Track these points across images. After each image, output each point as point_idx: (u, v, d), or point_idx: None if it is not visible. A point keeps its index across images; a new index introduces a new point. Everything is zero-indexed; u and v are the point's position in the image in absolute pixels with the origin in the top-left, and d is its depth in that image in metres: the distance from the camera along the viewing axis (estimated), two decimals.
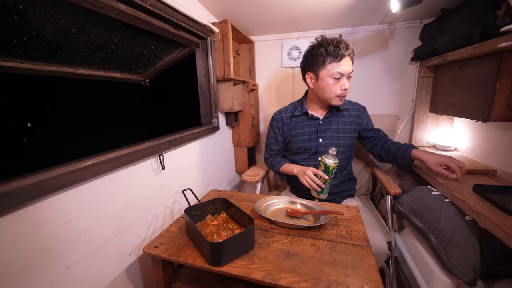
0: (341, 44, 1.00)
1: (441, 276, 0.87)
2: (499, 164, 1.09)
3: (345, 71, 1.01)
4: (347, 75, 1.02)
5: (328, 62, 1.01)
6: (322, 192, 0.99)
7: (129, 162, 0.80)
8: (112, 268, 0.77)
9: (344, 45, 1.00)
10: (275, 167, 1.20)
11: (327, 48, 1.01)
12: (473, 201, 0.80)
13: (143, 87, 1.43)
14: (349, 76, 1.04)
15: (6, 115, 1.22)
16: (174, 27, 1.00)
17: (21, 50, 0.75)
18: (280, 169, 1.18)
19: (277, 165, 1.18)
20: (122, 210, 0.79)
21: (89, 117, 1.59)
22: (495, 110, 0.92)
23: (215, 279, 0.74)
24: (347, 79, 1.03)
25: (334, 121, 1.12)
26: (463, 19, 1.09)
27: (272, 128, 1.23)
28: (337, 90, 1.03)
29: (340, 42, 1.01)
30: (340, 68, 1.00)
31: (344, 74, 1.01)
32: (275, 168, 1.20)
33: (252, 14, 1.39)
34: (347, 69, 1.01)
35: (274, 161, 1.21)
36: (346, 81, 1.03)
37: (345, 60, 1.00)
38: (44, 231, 0.58)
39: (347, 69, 1.01)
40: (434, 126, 1.51)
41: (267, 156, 1.28)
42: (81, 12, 0.74)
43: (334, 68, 1.01)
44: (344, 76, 1.02)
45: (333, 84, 1.03)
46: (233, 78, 1.37)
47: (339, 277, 0.57)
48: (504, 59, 0.87)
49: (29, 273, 0.55)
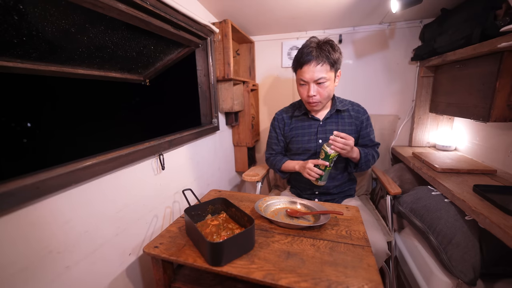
0: (305, 48, 0.97)
1: (441, 276, 0.87)
2: (499, 164, 1.09)
3: (307, 78, 0.98)
4: (311, 82, 0.98)
5: (295, 68, 1.02)
6: (321, 179, 0.99)
7: (129, 162, 0.80)
8: (112, 268, 0.77)
9: (309, 49, 0.96)
10: (276, 166, 1.20)
11: (298, 52, 1.00)
12: (473, 201, 0.80)
13: (143, 87, 1.43)
14: (319, 82, 0.98)
15: (6, 115, 1.22)
16: (174, 27, 1.00)
17: (21, 50, 0.75)
18: (282, 167, 1.17)
19: (279, 164, 1.18)
20: (122, 210, 0.79)
21: (89, 117, 1.59)
22: (495, 110, 0.92)
23: (215, 279, 0.74)
24: (317, 85, 0.99)
25: (334, 122, 1.11)
26: (463, 19, 1.09)
27: (274, 128, 1.23)
28: (304, 96, 1.03)
29: (305, 47, 0.97)
30: (302, 75, 0.99)
31: (308, 81, 0.99)
32: (277, 167, 1.20)
33: (252, 14, 1.40)
34: (309, 76, 0.97)
35: (275, 160, 1.21)
36: (312, 88, 0.99)
37: (307, 67, 0.96)
38: (44, 231, 0.58)
39: (309, 77, 0.97)
40: (434, 126, 1.51)
41: (268, 156, 1.28)
42: (81, 12, 0.74)
43: (298, 74, 1.01)
44: (310, 83, 0.99)
45: (302, 90, 1.03)
46: (233, 78, 1.37)
47: (339, 277, 0.57)
48: (504, 59, 0.87)
49: (29, 273, 0.55)
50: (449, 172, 1.07)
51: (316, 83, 0.98)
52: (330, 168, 0.98)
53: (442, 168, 1.08)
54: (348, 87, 1.67)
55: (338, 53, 0.99)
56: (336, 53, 0.98)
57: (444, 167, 1.08)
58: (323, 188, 1.11)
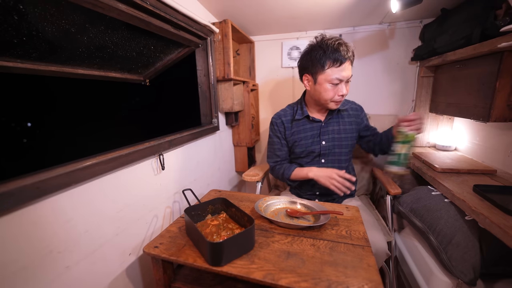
0: (341, 47, 0.95)
1: (441, 276, 0.87)
2: (499, 164, 1.09)
3: (344, 76, 0.96)
4: (346, 80, 0.98)
5: (327, 66, 0.96)
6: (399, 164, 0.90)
7: (129, 162, 0.80)
8: (112, 268, 0.77)
9: (345, 47, 0.95)
10: (285, 175, 1.12)
11: (326, 51, 0.95)
12: (473, 201, 0.80)
13: (143, 87, 1.43)
14: (348, 80, 1.00)
15: (6, 115, 1.22)
16: (174, 27, 1.00)
17: (21, 50, 0.75)
18: (292, 176, 1.10)
19: (287, 172, 1.11)
20: (122, 210, 0.79)
21: (89, 117, 1.59)
22: (495, 110, 0.92)
23: (215, 279, 0.74)
24: (346, 83, 0.99)
25: (336, 123, 1.11)
26: (463, 19, 1.09)
27: (274, 133, 1.18)
28: (334, 95, 1.00)
29: (340, 45, 0.95)
30: (340, 73, 0.96)
31: (343, 80, 0.97)
32: (285, 176, 1.12)
33: (252, 14, 1.39)
34: (346, 74, 0.97)
35: (282, 168, 1.14)
36: (344, 87, 0.99)
37: (345, 65, 0.96)
38: (44, 231, 0.58)
39: (347, 75, 0.97)
40: (434, 126, 1.51)
41: (273, 165, 1.20)
42: (81, 12, 0.74)
43: (333, 73, 0.96)
44: (343, 82, 0.98)
45: (331, 89, 0.99)
46: (233, 78, 1.37)
47: (339, 277, 0.57)
48: (504, 59, 0.87)
49: (29, 273, 0.55)
50: (449, 172, 1.07)
51: (346, 82, 1.00)
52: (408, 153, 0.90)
53: (442, 168, 1.08)
54: None
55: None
56: None
57: (444, 167, 1.08)
58: (324, 189, 1.09)
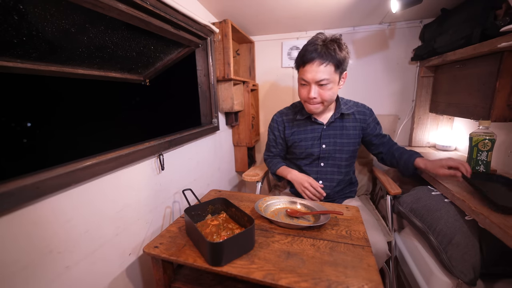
0: (309, 45, 0.89)
1: (441, 276, 0.87)
2: (499, 164, 1.09)
3: (309, 78, 0.90)
4: (313, 83, 0.91)
5: (297, 66, 0.96)
6: None
7: (129, 162, 0.80)
8: (112, 268, 0.77)
9: (313, 47, 0.88)
10: (271, 169, 1.20)
11: (301, 49, 0.93)
12: (473, 201, 0.80)
13: (143, 87, 1.43)
14: (321, 84, 0.91)
15: (6, 115, 1.22)
16: (174, 27, 1.00)
17: (21, 50, 0.75)
18: (277, 172, 1.16)
19: (274, 167, 1.17)
20: (122, 210, 0.79)
21: (89, 117, 1.59)
22: (495, 110, 0.92)
23: (215, 279, 0.74)
24: (320, 87, 0.92)
25: (339, 126, 1.07)
26: (463, 19, 1.09)
27: (272, 131, 1.19)
28: (305, 97, 0.96)
29: (310, 43, 0.90)
30: (304, 74, 0.91)
31: (309, 82, 0.91)
32: (272, 170, 1.19)
33: (252, 14, 1.40)
34: (311, 76, 0.89)
35: (272, 163, 1.20)
36: (313, 89, 0.92)
37: (310, 66, 0.89)
38: (44, 231, 0.58)
39: (311, 77, 0.90)
40: (434, 126, 1.51)
41: (266, 157, 1.27)
42: (81, 12, 0.74)
43: (300, 74, 0.94)
44: (312, 84, 0.91)
45: (302, 90, 0.96)
46: (233, 78, 1.37)
47: (339, 277, 0.57)
48: (504, 59, 0.87)
49: (29, 273, 0.55)
50: None
51: (318, 84, 0.91)
52: None
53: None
54: (348, 87, 1.67)
55: (345, 52, 0.91)
56: (343, 52, 0.90)
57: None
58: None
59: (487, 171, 0.94)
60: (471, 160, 0.96)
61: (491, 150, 0.91)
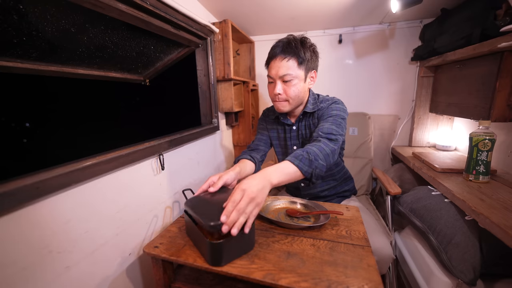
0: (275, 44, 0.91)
1: (441, 276, 0.87)
2: (499, 164, 1.09)
3: (273, 74, 0.90)
4: (277, 78, 0.90)
5: (266, 65, 0.96)
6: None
7: (129, 162, 0.80)
8: (112, 268, 0.77)
9: (278, 43, 0.90)
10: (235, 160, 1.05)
11: None
12: (473, 201, 0.80)
13: (143, 87, 1.43)
14: (285, 80, 0.88)
15: (6, 115, 1.22)
16: (174, 27, 1.00)
17: (21, 50, 0.75)
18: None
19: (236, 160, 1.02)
20: (122, 210, 0.79)
21: (89, 117, 1.59)
22: (495, 110, 0.92)
23: (215, 279, 0.74)
24: (283, 83, 0.90)
25: (307, 126, 1.00)
26: (463, 19, 1.09)
27: (258, 125, 1.16)
28: (271, 94, 0.95)
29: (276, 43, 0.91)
30: (270, 70, 0.92)
31: (274, 78, 0.91)
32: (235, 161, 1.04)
33: (252, 14, 1.40)
34: (274, 72, 0.90)
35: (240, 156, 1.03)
36: (278, 85, 0.90)
37: (274, 62, 0.90)
38: (44, 231, 0.58)
39: (275, 72, 0.89)
40: (434, 126, 1.51)
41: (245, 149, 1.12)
42: (81, 12, 0.74)
43: (267, 72, 0.94)
44: (277, 80, 0.90)
45: (270, 87, 0.95)
46: (233, 78, 1.37)
47: (339, 277, 0.57)
48: (504, 59, 0.87)
49: (29, 273, 0.55)
50: (449, 172, 1.07)
51: (282, 80, 0.89)
52: None
53: (442, 168, 1.08)
54: (348, 87, 1.67)
55: (309, 51, 0.89)
56: (307, 50, 0.88)
57: (444, 167, 1.08)
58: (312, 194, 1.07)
59: (487, 171, 0.94)
60: (471, 160, 0.96)
61: (491, 150, 0.91)
